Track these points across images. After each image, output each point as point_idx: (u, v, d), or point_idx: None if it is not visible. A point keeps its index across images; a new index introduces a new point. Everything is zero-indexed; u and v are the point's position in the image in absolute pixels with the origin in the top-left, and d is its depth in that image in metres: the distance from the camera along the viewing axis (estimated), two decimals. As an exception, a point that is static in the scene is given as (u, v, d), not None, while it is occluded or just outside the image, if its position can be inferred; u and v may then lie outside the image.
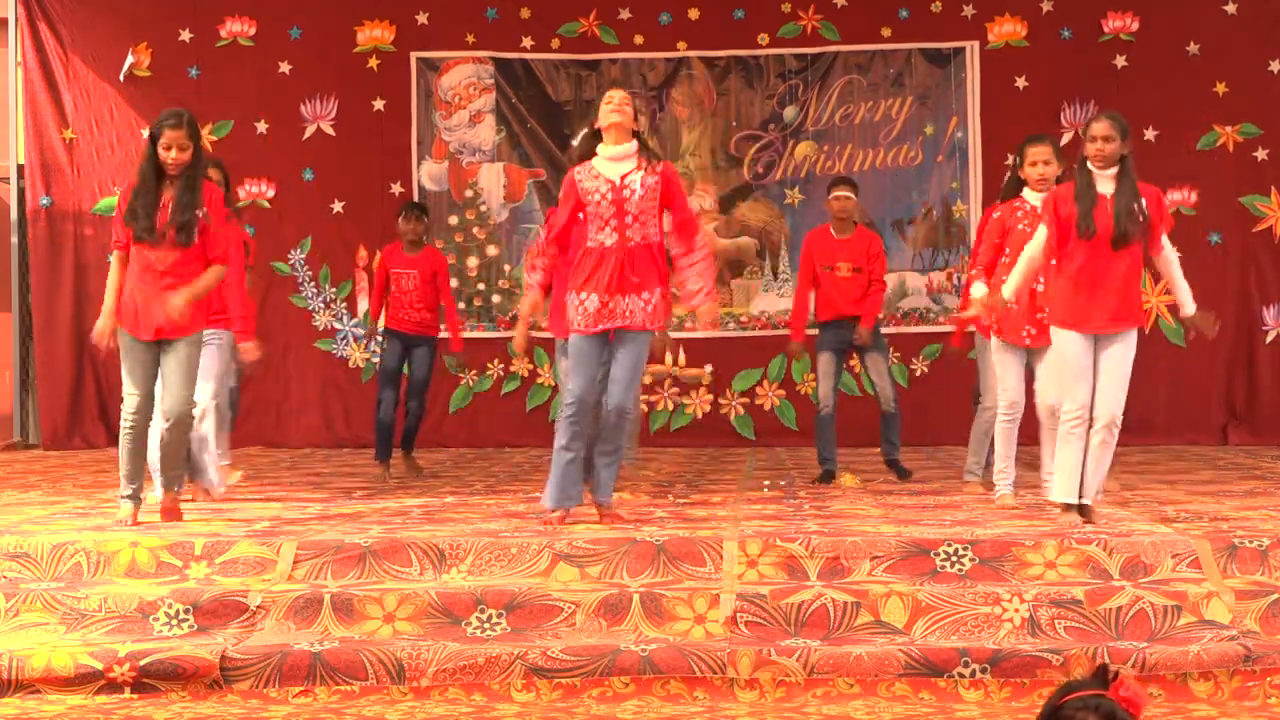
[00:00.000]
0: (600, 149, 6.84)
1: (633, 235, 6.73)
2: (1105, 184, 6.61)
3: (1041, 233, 6.80)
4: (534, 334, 12.14)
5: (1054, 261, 6.80)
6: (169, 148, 6.75)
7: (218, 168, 8.09)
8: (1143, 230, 6.59)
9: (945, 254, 12.19)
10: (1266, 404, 11.95)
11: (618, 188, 6.74)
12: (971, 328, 8.18)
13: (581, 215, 6.88)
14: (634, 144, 6.81)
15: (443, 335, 9.62)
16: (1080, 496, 6.64)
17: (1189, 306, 6.83)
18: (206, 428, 7.80)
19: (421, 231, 9.67)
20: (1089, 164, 6.63)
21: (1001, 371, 7.58)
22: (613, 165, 6.79)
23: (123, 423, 6.92)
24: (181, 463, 7.18)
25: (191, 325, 6.93)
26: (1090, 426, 6.60)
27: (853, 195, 9.09)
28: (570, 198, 6.86)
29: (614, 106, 6.77)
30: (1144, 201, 6.60)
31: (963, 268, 12.12)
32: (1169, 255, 6.77)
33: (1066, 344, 6.66)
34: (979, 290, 7.48)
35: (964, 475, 8.28)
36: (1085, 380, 6.61)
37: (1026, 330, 7.43)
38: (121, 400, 11.10)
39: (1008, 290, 6.99)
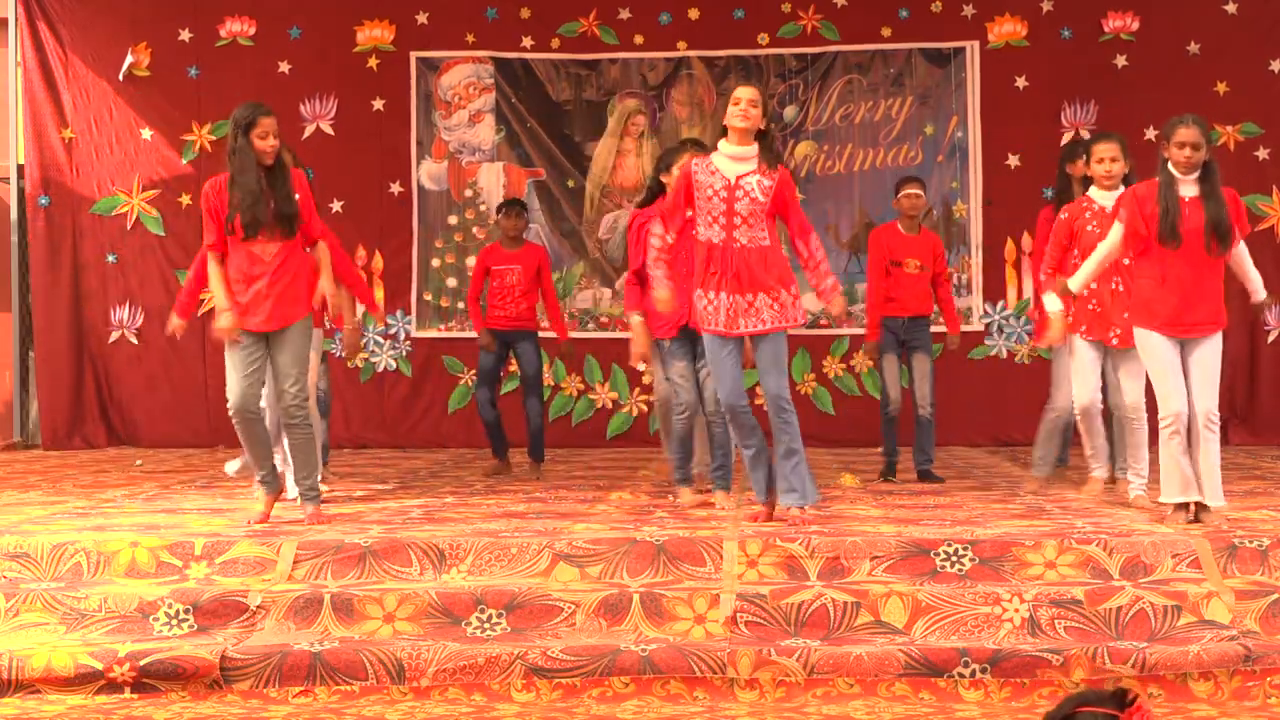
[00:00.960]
0: (721, 145, 6.81)
1: (740, 236, 6.70)
2: (1188, 188, 6.58)
3: (1118, 229, 6.74)
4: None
5: (1127, 261, 6.88)
6: (265, 135, 6.75)
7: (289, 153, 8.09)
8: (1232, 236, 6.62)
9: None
10: (1267, 404, 11.93)
11: (731, 187, 6.71)
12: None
13: (690, 211, 6.86)
14: (755, 147, 6.76)
15: (544, 327, 9.77)
16: (1202, 497, 6.61)
17: (1260, 293, 6.97)
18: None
19: (523, 228, 9.75)
20: (1170, 168, 6.59)
21: (1078, 370, 7.56)
22: (731, 164, 6.75)
23: (232, 419, 6.91)
24: (314, 466, 7.10)
25: (302, 311, 6.95)
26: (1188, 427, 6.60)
27: (922, 193, 9.12)
28: (681, 189, 6.82)
29: (741, 110, 6.69)
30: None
31: (963, 268, 12.12)
32: (1241, 250, 6.81)
33: (1153, 344, 6.65)
34: (1054, 304, 7.34)
35: (1031, 470, 8.38)
36: (1176, 379, 6.59)
37: (1114, 331, 7.42)
38: (120, 402, 11.11)
39: (1075, 283, 6.98)
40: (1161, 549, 5.95)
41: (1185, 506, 6.60)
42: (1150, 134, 11.81)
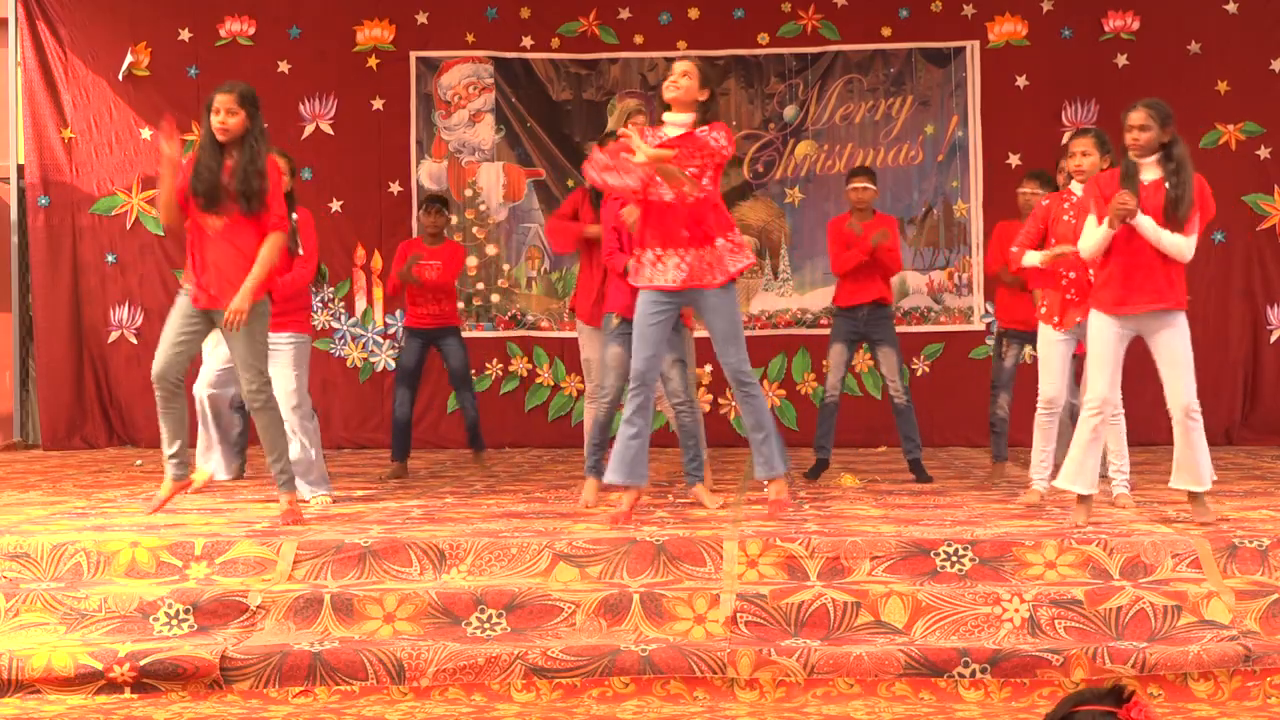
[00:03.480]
0: (666, 115, 6.86)
1: (690, 190, 6.74)
2: (1150, 171, 6.59)
3: (1091, 222, 6.74)
4: (534, 334, 12.21)
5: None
6: (217, 111, 6.82)
7: (284, 158, 8.12)
8: (1186, 215, 6.53)
9: (946, 253, 12.19)
10: (1269, 403, 11.94)
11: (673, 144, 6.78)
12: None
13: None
14: (693, 117, 6.82)
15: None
16: (1199, 485, 6.63)
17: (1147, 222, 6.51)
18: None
19: (443, 224, 9.77)
20: (1129, 154, 6.64)
21: (1044, 364, 7.56)
22: (674, 129, 6.82)
23: (153, 386, 7.08)
24: (281, 453, 7.08)
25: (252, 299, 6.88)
26: (1102, 419, 6.62)
27: (871, 185, 9.12)
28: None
29: (672, 80, 6.78)
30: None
31: (964, 267, 12.13)
32: (1185, 239, 6.55)
33: (1098, 329, 6.65)
34: (1032, 258, 7.46)
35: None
36: (1107, 370, 6.59)
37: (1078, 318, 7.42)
38: (120, 402, 11.06)
39: (1086, 247, 6.75)
40: (1162, 549, 5.95)
41: (1085, 499, 6.63)
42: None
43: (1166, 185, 6.54)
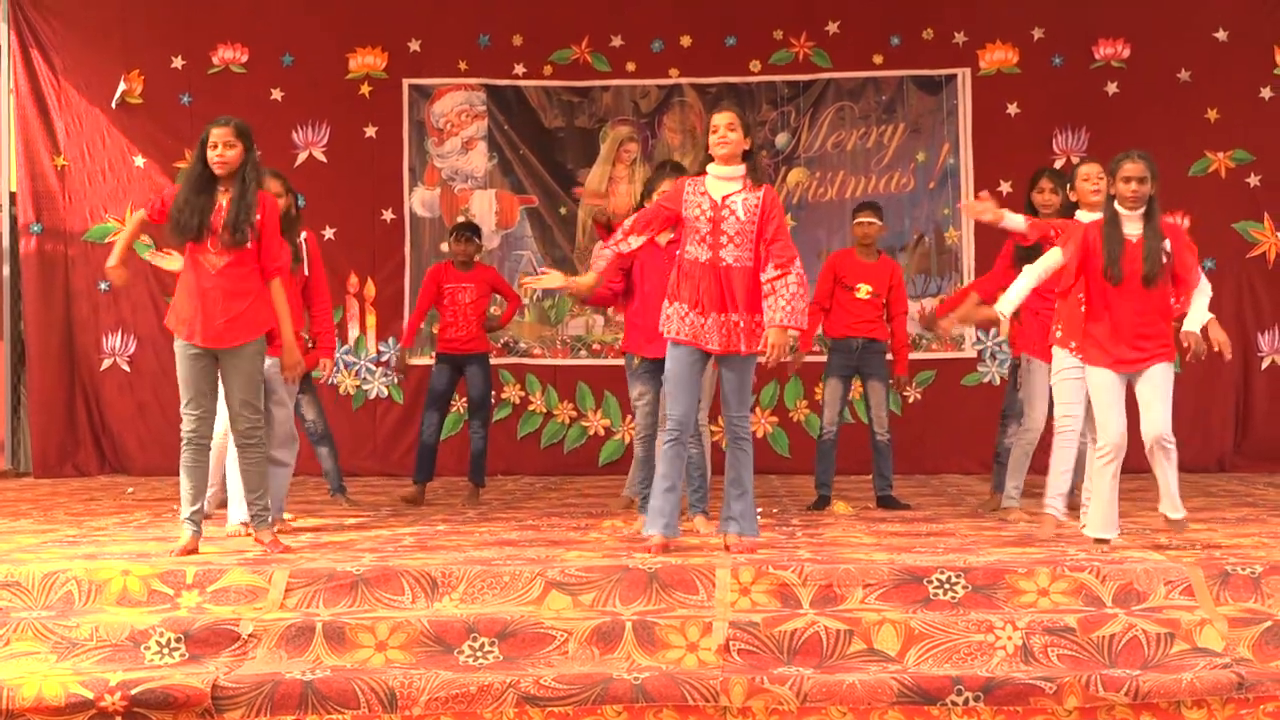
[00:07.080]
0: (710, 167, 6.80)
1: (725, 256, 6.71)
2: (1132, 225, 6.64)
3: (1056, 254, 6.79)
4: (527, 361, 12.20)
5: (1081, 296, 6.87)
6: (215, 145, 6.78)
7: (278, 179, 8.10)
8: (1167, 270, 6.63)
9: (938, 280, 12.21)
10: (1260, 430, 11.95)
11: (718, 206, 6.72)
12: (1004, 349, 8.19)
13: (670, 232, 7.14)
14: (742, 168, 6.79)
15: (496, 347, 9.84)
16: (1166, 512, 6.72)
17: (1188, 326, 6.70)
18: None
19: (474, 252, 9.76)
20: (1116, 204, 6.66)
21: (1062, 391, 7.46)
22: (719, 184, 6.78)
23: (183, 440, 6.84)
24: (264, 489, 7.01)
25: (252, 332, 6.88)
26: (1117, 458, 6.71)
27: (877, 220, 9.10)
28: (673, 202, 6.79)
29: (719, 138, 6.72)
30: (1168, 242, 6.63)
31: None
32: (1201, 288, 6.73)
33: (1098, 378, 6.71)
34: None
35: (1003, 501, 8.24)
36: (1117, 412, 6.67)
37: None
38: (111, 429, 10.99)
39: (1009, 304, 6.87)
40: (1154, 576, 5.95)
41: (1104, 541, 6.70)
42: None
43: (1146, 245, 6.61)
